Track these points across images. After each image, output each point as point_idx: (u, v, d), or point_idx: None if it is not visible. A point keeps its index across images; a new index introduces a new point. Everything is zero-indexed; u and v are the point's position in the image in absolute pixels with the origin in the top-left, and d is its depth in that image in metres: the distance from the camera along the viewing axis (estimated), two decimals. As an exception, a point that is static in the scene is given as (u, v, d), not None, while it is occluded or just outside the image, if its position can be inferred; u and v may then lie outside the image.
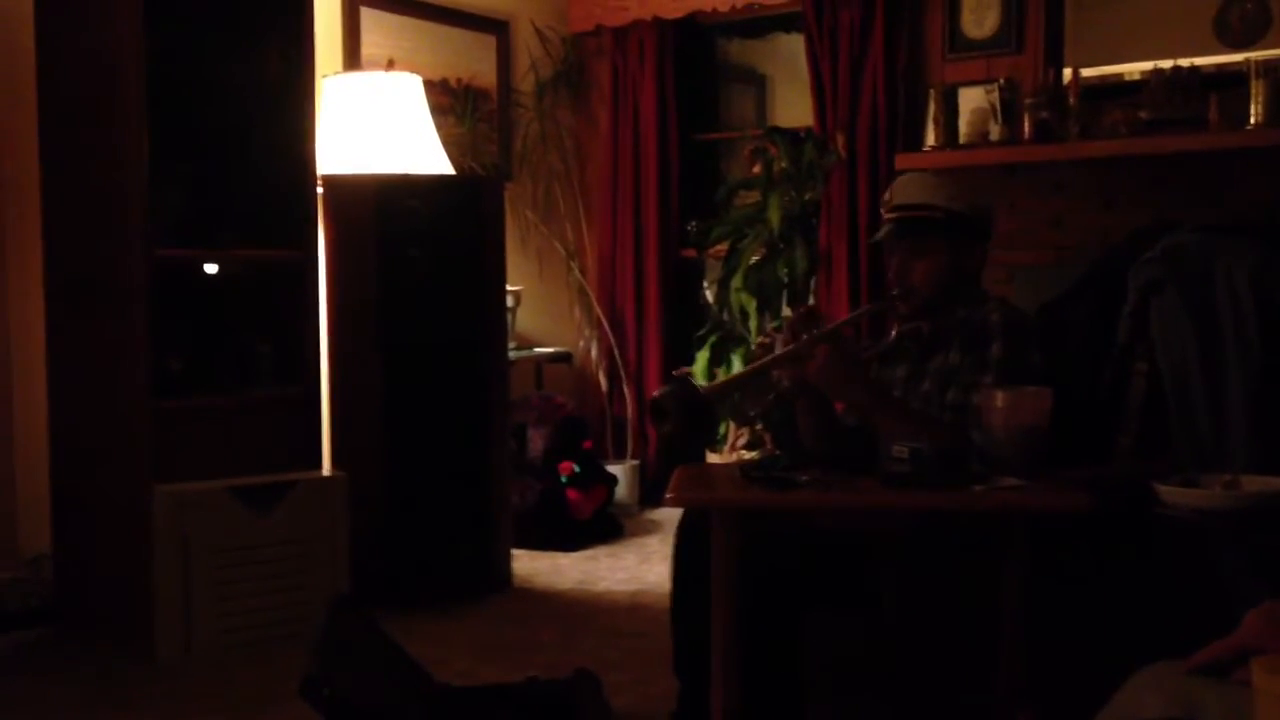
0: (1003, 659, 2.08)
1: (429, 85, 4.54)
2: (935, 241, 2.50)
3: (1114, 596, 2.27)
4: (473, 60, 5.25)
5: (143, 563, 3.27)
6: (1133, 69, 4.42)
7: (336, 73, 4.48)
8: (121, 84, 3.30)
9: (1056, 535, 2.22)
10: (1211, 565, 2.17)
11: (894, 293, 2.55)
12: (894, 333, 2.56)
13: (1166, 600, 2.16)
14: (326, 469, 3.81)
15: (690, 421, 2.06)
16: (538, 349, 5.34)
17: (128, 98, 3.29)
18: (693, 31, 5.56)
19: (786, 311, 4.71)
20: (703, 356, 5.05)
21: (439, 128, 4.48)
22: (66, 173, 3.54)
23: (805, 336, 2.30)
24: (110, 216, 3.40)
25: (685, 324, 5.49)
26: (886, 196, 2.65)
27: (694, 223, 5.15)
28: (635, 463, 5.41)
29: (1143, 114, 4.18)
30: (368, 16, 4.79)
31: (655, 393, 2.07)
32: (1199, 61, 4.20)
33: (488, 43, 5.33)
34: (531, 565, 4.36)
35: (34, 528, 3.67)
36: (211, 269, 3.69)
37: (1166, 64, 4.20)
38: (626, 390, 5.56)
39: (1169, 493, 2.30)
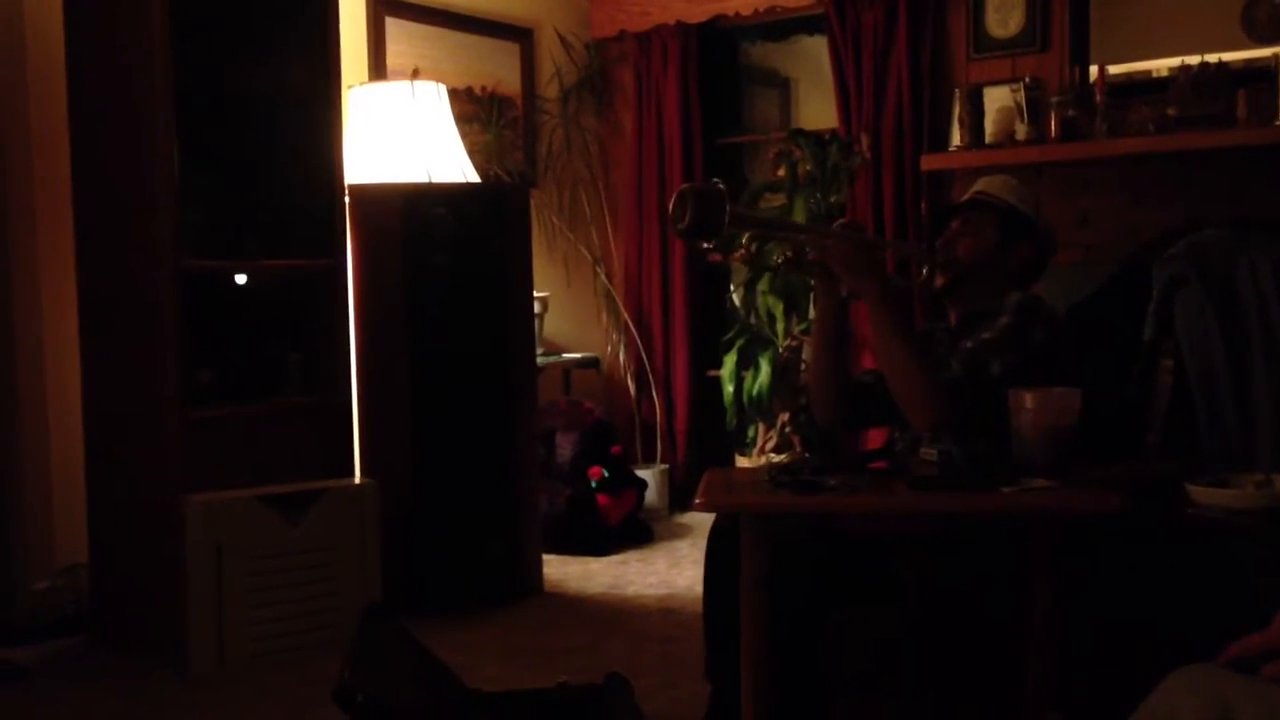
0: (1032, 660, 2.07)
1: (454, 93, 4.57)
2: (989, 225, 2.66)
3: (1144, 597, 2.25)
4: (497, 68, 5.28)
5: (176, 572, 3.29)
6: (1160, 65, 4.39)
7: (362, 82, 4.51)
8: (149, 96, 3.34)
9: (1086, 535, 2.21)
10: (1243, 565, 2.16)
11: (938, 255, 2.66)
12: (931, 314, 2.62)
13: (1197, 601, 2.15)
14: (357, 476, 3.84)
15: (698, 220, 2.10)
16: (566, 354, 5.35)
17: (156, 110, 3.33)
18: (715, 35, 5.56)
19: (813, 314, 4.70)
20: (730, 360, 5.05)
21: (464, 136, 4.51)
22: (97, 186, 3.58)
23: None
24: (139, 228, 3.44)
25: (712, 328, 5.49)
26: (971, 186, 2.81)
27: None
28: (665, 467, 5.41)
29: (1171, 111, 4.15)
30: (392, 26, 4.83)
31: (687, 185, 2.11)
32: (1227, 57, 4.17)
33: (512, 50, 5.35)
34: (562, 570, 4.37)
35: (69, 537, 3.71)
36: (241, 279, 3.73)
37: (1194, 60, 4.17)
38: (655, 395, 5.57)
39: (1200, 493, 2.29)
